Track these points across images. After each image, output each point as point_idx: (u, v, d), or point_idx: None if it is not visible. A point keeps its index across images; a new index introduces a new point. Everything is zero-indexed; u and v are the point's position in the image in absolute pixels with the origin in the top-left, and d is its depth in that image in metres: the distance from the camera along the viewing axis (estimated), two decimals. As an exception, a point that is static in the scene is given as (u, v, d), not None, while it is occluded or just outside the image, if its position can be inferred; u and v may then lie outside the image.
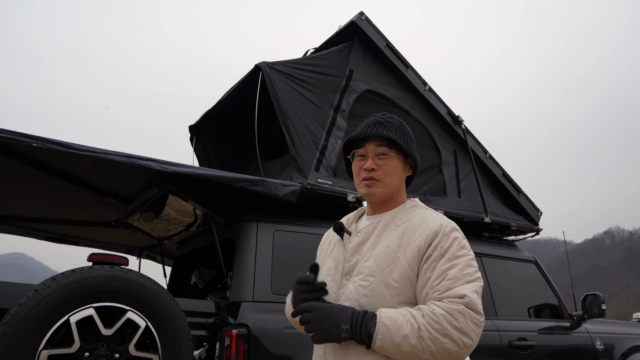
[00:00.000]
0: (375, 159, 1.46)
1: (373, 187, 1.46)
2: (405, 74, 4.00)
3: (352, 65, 3.73)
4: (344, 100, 3.61)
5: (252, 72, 3.57)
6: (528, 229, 4.44)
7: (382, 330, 1.24)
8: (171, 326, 2.20)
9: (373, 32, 3.87)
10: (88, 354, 1.99)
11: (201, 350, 2.45)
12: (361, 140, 1.50)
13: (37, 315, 1.91)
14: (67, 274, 2.04)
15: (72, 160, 2.78)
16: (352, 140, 1.53)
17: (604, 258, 75.79)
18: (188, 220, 3.42)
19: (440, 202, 3.89)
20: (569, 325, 3.87)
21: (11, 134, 2.21)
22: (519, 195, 4.48)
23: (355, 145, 1.52)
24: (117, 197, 3.44)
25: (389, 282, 1.34)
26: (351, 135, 1.53)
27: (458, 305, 1.24)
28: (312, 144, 3.34)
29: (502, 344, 3.30)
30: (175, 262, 4.04)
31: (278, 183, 2.82)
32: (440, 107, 4.18)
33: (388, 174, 1.46)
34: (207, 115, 4.42)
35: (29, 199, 3.60)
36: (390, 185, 1.47)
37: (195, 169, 2.73)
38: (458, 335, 1.21)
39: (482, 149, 4.41)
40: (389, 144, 1.46)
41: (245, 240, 2.80)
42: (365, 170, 1.47)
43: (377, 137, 1.47)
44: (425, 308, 1.26)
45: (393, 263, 1.37)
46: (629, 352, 4.05)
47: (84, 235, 4.64)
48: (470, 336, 1.22)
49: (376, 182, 1.46)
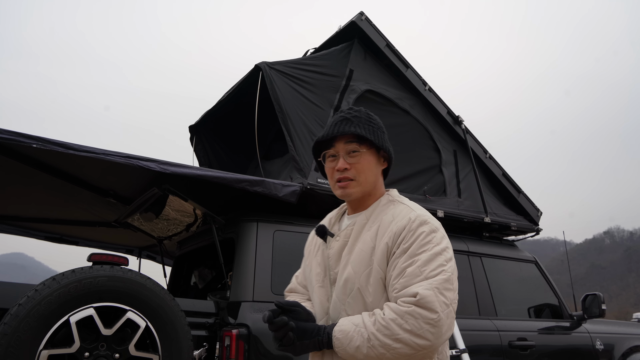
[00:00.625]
0: (346, 158, 1.41)
1: (348, 187, 1.41)
2: (405, 74, 4.00)
3: (352, 65, 3.73)
4: (344, 100, 3.61)
5: (252, 72, 3.57)
6: (528, 229, 4.44)
7: (337, 344, 1.26)
8: (171, 326, 2.20)
9: (373, 32, 3.87)
10: (88, 354, 1.99)
11: (201, 350, 2.45)
12: (330, 141, 1.44)
13: (37, 315, 1.91)
14: (67, 274, 2.04)
15: (72, 161, 2.78)
16: (321, 141, 1.47)
17: (604, 258, 75.78)
18: (188, 220, 3.42)
19: (440, 202, 3.89)
20: (569, 325, 3.87)
21: (11, 134, 2.21)
22: (519, 195, 4.48)
23: (325, 146, 1.46)
24: (117, 197, 3.44)
25: (366, 288, 1.32)
26: (318, 136, 1.47)
27: (408, 307, 1.20)
28: (312, 144, 3.33)
29: (502, 344, 3.30)
30: (175, 262, 4.04)
31: (278, 183, 2.82)
32: (440, 107, 4.18)
33: (362, 172, 1.41)
34: (207, 115, 4.42)
35: (29, 199, 3.60)
36: (366, 183, 1.43)
37: (195, 169, 2.73)
38: (410, 338, 1.18)
39: (482, 149, 4.41)
40: (359, 140, 1.42)
41: (245, 240, 2.80)
42: (338, 171, 1.42)
43: (345, 135, 1.42)
44: (379, 313, 1.25)
45: (368, 267, 1.34)
46: (629, 352, 4.05)
47: (84, 235, 4.64)
48: (425, 337, 1.18)
49: (351, 181, 1.41)
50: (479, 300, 3.49)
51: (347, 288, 1.35)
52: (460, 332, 2.90)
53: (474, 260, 3.66)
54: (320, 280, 1.45)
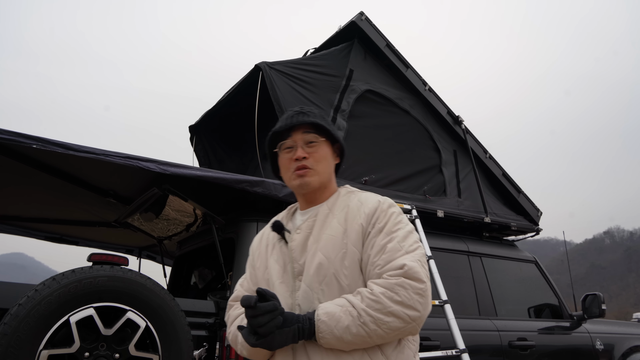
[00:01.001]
0: (304, 147, 1.40)
1: (307, 176, 1.39)
2: (405, 74, 4.01)
3: (352, 65, 3.73)
4: (344, 100, 3.61)
5: (252, 72, 3.57)
6: (528, 229, 4.44)
7: (322, 328, 1.21)
8: (171, 326, 2.20)
9: (373, 32, 3.87)
10: (88, 354, 1.99)
11: (201, 350, 2.45)
12: (287, 132, 1.42)
13: (37, 315, 1.91)
14: (67, 274, 2.04)
15: (72, 161, 2.78)
16: (277, 132, 1.44)
17: (604, 258, 75.75)
18: (188, 220, 3.42)
19: (440, 202, 3.89)
20: (569, 325, 3.87)
21: (11, 134, 2.21)
22: (519, 195, 4.49)
23: (281, 137, 1.44)
24: (117, 197, 3.44)
25: (341, 272, 1.30)
26: (275, 127, 1.45)
27: (397, 279, 1.21)
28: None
29: (502, 344, 3.31)
30: (175, 262, 4.04)
31: (278, 184, 2.82)
32: (440, 107, 4.18)
33: (320, 161, 1.41)
34: (207, 115, 4.42)
35: (29, 199, 3.60)
36: (324, 173, 1.42)
37: (195, 170, 2.73)
38: (402, 310, 1.19)
39: (482, 149, 4.41)
40: (317, 131, 1.42)
41: (245, 240, 2.80)
42: (297, 160, 1.39)
43: (303, 125, 1.41)
44: (364, 290, 1.24)
45: (342, 250, 1.32)
46: (629, 352, 4.05)
47: (84, 235, 4.64)
48: (415, 307, 1.19)
49: (309, 170, 1.39)
50: (479, 300, 3.49)
51: (320, 275, 1.31)
52: (460, 332, 2.90)
53: (474, 260, 3.66)
54: (281, 276, 1.40)
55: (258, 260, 1.51)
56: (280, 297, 1.31)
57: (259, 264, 1.50)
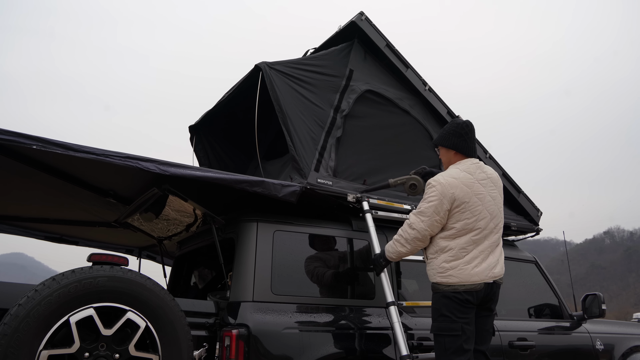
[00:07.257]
0: None
1: None
2: (405, 74, 4.00)
3: (352, 65, 3.73)
4: (344, 100, 3.61)
5: (252, 72, 3.57)
6: (528, 229, 4.43)
7: (386, 250, 2.85)
8: (171, 326, 2.20)
9: (373, 32, 3.87)
10: (88, 354, 1.99)
11: (201, 350, 2.45)
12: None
13: (37, 316, 1.91)
14: (67, 274, 2.04)
15: (72, 161, 2.78)
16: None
17: (604, 258, 75.74)
18: (188, 220, 3.42)
19: (440, 202, 3.88)
20: (569, 326, 3.87)
21: (11, 135, 2.21)
22: (519, 195, 4.48)
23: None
24: (117, 197, 3.44)
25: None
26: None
27: (405, 223, 2.77)
28: (312, 144, 3.34)
29: (502, 344, 3.31)
30: (175, 262, 4.04)
31: (278, 184, 2.82)
32: (440, 107, 4.17)
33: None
34: (207, 115, 4.41)
35: (29, 199, 3.60)
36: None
37: (195, 170, 2.73)
38: (401, 232, 2.76)
39: (482, 149, 4.41)
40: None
41: (245, 240, 2.80)
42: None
43: None
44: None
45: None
46: (629, 352, 4.05)
47: (84, 235, 4.64)
48: (403, 231, 2.76)
49: None
50: (479, 301, 3.48)
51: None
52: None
53: (474, 261, 3.65)
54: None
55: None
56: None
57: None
